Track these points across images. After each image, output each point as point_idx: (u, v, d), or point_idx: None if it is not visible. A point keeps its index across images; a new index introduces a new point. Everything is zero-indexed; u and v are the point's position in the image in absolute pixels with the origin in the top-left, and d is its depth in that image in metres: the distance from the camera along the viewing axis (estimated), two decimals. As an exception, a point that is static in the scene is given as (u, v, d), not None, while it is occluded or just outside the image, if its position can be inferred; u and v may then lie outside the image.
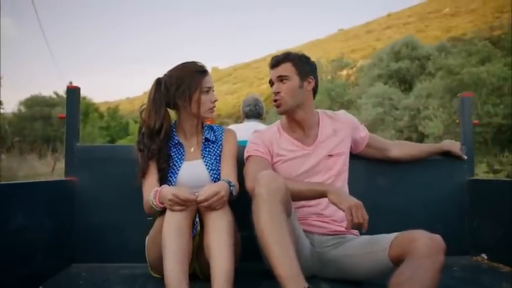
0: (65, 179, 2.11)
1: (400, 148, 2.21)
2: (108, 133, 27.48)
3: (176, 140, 1.91)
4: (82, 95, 2.29)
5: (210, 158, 1.90)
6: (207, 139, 1.94)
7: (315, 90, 1.96)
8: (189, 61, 1.90)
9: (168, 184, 1.81)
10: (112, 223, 2.11)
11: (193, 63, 1.89)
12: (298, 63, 1.90)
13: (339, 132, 1.96)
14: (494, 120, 11.43)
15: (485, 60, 13.56)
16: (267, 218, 1.44)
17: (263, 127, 2.35)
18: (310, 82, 1.92)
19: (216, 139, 1.96)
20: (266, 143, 1.92)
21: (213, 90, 1.90)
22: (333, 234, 1.84)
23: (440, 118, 12.81)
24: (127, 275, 1.89)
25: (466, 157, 2.30)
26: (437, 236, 1.44)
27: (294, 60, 1.90)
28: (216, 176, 1.86)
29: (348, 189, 1.96)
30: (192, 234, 1.64)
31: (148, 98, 1.87)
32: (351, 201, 1.53)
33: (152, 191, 1.69)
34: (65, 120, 2.16)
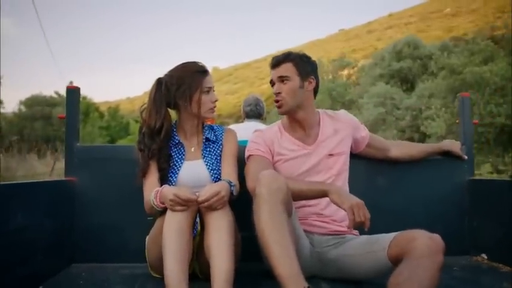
0: (65, 179, 2.11)
1: (400, 148, 2.21)
2: (108, 133, 27.51)
3: (177, 140, 1.91)
4: (82, 95, 2.30)
5: (211, 158, 1.90)
6: (208, 139, 1.94)
7: (316, 90, 1.96)
8: (190, 61, 1.90)
9: (169, 184, 1.81)
10: (112, 223, 2.11)
11: (193, 63, 1.89)
12: (298, 63, 1.89)
13: (340, 131, 1.96)
14: (497, 120, 11.36)
15: (488, 59, 13.46)
16: (268, 218, 1.44)
17: (263, 127, 2.35)
18: (311, 82, 1.92)
19: (217, 139, 1.96)
20: (267, 142, 1.92)
21: (214, 90, 1.90)
22: (333, 234, 1.83)
23: (442, 118, 12.76)
24: (127, 275, 1.89)
25: (466, 157, 2.30)
26: (436, 236, 1.44)
27: (295, 60, 1.89)
28: (217, 176, 1.86)
29: (348, 188, 1.95)
30: (193, 234, 1.64)
31: (148, 98, 1.87)
32: (353, 200, 1.53)
33: (153, 191, 1.69)
34: (65, 120, 2.17)
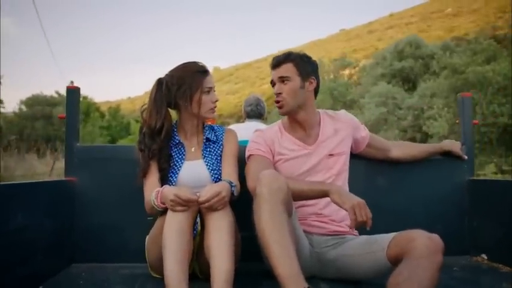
0: (65, 179, 2.11)
1: (401, 148, 2.21)
2: (109, 133, 27.49)
3: (177, 140, 1.91)
4: (83, 95, 2.30)
5: (211, 158, 1.90)
6: (208, 139, 1.94)
7: (317, 90, 1.95)
8: (191, 61, 1.90)
9: (169, 184, 1.81)
10: (112, 223, 2.11)
11: (194, 63, 1.89)
12: (299, 63, 1.89)
13: (340, 131, 1.96)
14: (499, 120, 11.29)
15: (490, 59, 13.38)
16: (268, 218, 1.44)
17: (264, 127, 2.35)
18: (311, 82, 1.91)
19: (217, 139, 1.96)
20: (268, 142, 1.92)
21: (214, 90, 1.90)
22: (332, 234, 1.83)
23: (444, 118, 12.70)
24: (127, 275, 1.89)
25: (466, 157, 2.30)
26: (435, 236, 1.44)
27: (295, 60, 1.89)
28: (217, 176, 1.86)
29: (348, 188, 1.95)
30: (193, 234, 1.64)
31: (149, 98, 1.87)
32: (354, 200, 1.53)
33: (154, 191, 1.69)
34: (65, 120, 2.17)
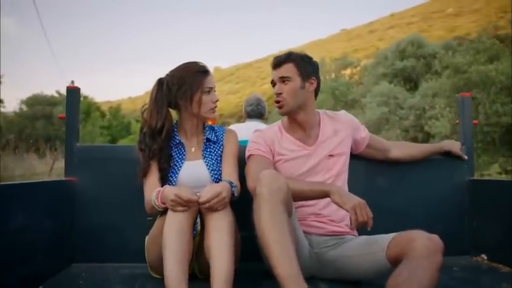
0: (65, 179, 2.12)
1: (400, 148, 2.21)
2: (109, 132, 27.47)
3: (177, 140, 1.91)
4: (84, 94, 2.30)
5: (211, 159, 1.90)
6: (209, 139, 1.94)
7: (317, 90, 1.95)
8: (191, 61, 1.91)
9: (169, 184, 1.82)
10: (112, 223, 2.12)
11: (195, 63, 1.89)
12: (300, 63, 1.89)
13: (340, 132, 1.96)
14: (502, 119, 11.13)
15: (493, 58, 13.26)
16: (268, 218, 1.44)
17: (265, 127, 2.35)
18: (312, 83, 1.91)
19: (217, 139, 1.96)
20: (267, 142, 1.91)
21: (215, 90, 1.90)
22: (331, 234, 1.83)
23: (447, 118, 12.60)
24: (127, 275, 1.90)
25: (466, 157, 2.30)
26: (435, 236, 1.44)
27: (296, 60, 1.89)
28: (217, 177, 1.86)
29: (348, 189, 1.94)
30: (193, 234, 1.64)
31: (150, 98, 1.87)
32: (354, 200, 1.53)
33: (154, 191, 1.69)
34: (65, 120, 2.17)
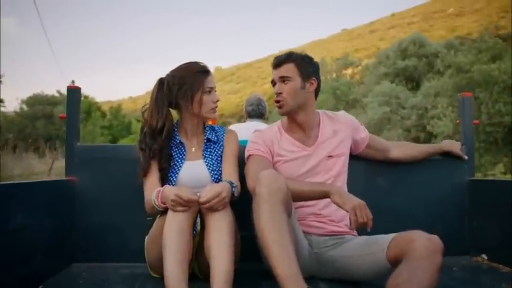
0: (65, 179, 2.12)
1: (400, 149, 2.21)
2: (110, 132, 27.48)
3: (178, 140, 1.91)
4: (84, 94, 2.30)
5: (211, 159, 1.90)
6: (209, 139, 1.94)
7: (317, 91, 1.95)
8: (192, 61, 1.91)
9: (169, 184, 1.82)
10: (112, 223, 2.12)
11: (195, 63, 1.89)
12: (300, 63, 1.88)
13: (339, 133, 1.96)
14: (505, 119, 11.12)
15: (496, 57, 13.21)
16: (268, 218, 1.44)
17: (265, 127, 2.35)
18: (312, 83, 1.91)
19: (218, 139, 1.96)
20: (267, 143, 1.91)
21: (215, 90, 1.90)
22: (331, 234, 1.83)
23: (449, 117, 12.57)
24: (127, 275, 1.90)
25: (466, 157, 2.30)
26: (434, 237, 1.44)
27: (297, 60, 1.89)
28: (217, 177, 1.86)
29: (347, 189, 1.94)
30: (192, 234, 1.64)
31: (150, 98, 1.88)
32: (354, 201, 1.53)
33: (154, 191, 1.69)
34: (66, 120, 2.17)
